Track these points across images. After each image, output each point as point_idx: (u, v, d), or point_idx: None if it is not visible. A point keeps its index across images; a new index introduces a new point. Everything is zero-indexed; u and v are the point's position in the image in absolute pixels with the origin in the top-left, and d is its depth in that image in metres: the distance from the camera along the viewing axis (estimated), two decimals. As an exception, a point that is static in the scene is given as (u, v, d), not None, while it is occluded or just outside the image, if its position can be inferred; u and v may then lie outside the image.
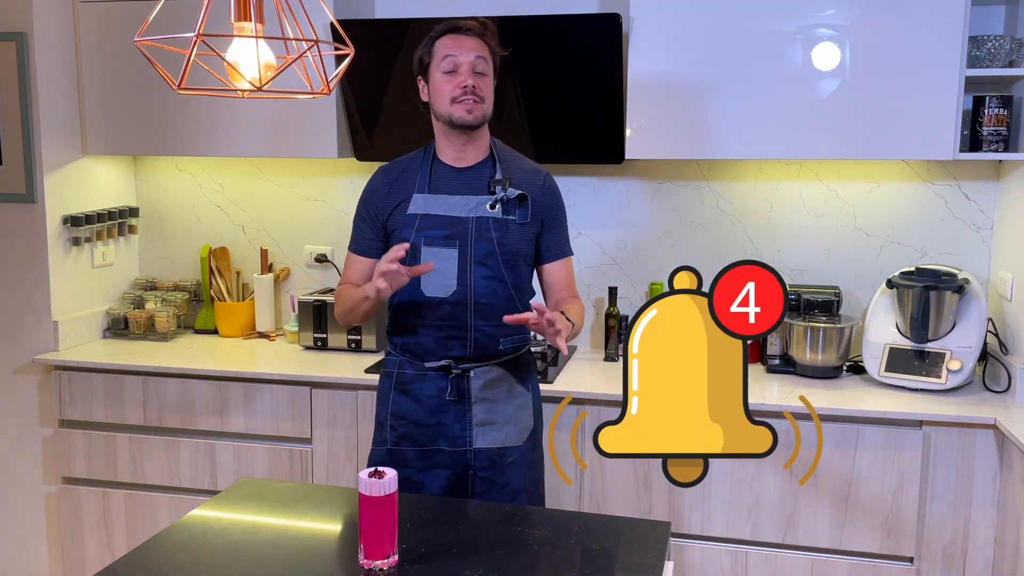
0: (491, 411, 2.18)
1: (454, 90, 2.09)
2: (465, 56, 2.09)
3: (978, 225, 2.96)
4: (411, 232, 2.14)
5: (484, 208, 2.13)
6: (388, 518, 1.57)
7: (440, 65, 2.11)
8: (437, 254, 2.12)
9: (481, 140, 2.19)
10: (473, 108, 2.09)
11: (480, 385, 2.17)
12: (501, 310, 2.11)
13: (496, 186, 2.14)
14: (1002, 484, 2.49)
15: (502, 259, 2.14)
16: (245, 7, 1.61)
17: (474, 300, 2.13)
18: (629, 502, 2.70)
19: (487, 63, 2.13)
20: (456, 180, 2.17)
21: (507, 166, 2.20)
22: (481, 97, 2.10)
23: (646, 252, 3.19)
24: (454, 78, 2.09)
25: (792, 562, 2.64)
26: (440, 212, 2.14)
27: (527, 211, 2.17)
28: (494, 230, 2.13)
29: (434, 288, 2.13)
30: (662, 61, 2.78)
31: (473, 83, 2.09)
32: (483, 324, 2.14)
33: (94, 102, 3.20)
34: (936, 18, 2.59)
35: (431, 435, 2.18)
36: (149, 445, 3.02)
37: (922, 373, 2.70)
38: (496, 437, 2.18)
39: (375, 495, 1.55)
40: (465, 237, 2.12)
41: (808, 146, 2.74)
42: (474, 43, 2.11)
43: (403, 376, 2.21)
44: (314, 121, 3.05)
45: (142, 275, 3.60)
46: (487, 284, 2.13)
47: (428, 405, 2.18)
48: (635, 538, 1.74)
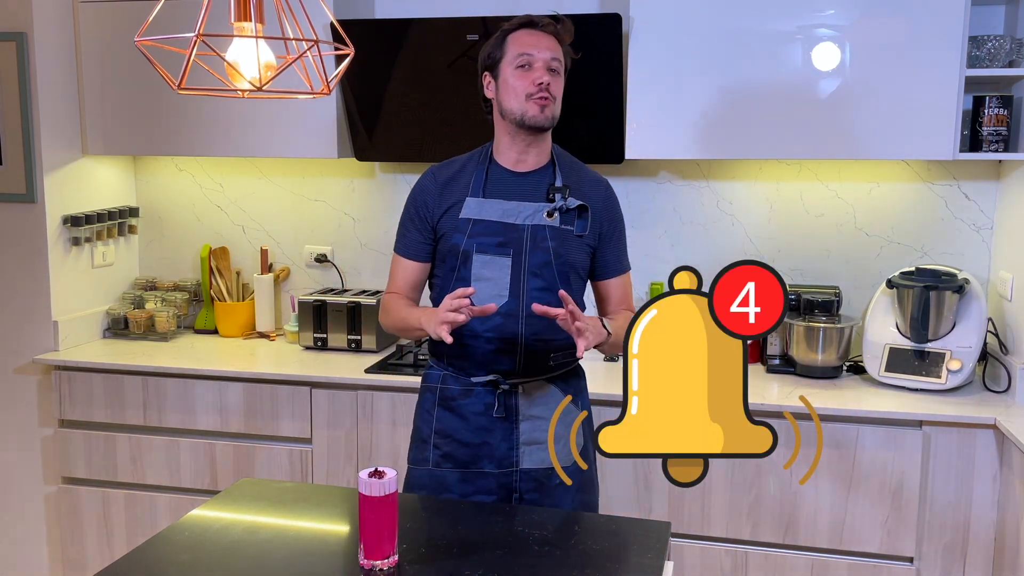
0: (540, 429, 2.07)
1: (529, 86, 1.98)
2: (541, 53, 1.99)
3: (978, 225, 2.96)
4: (462, 237, 2.03)
5: (541, 216, 2.03)
6: (388, 518, 1.57)
7: (514, 60, 2.00)
8: (489, 262, 2.02)
9: (544, 144, 2.09)
10: (547, 106, 2.00)
11: (529, 401, 2.06)
12: (553, 324, 1.97)
13: (555, 194, 2.04)
14: (1002, 484, 2.49)
15: (557, 271, 2.03)
16: (245, 7, 1.61)
17: (526, 313, 2.01)
18: (629, 502, 2.70)
19: (561, 62, 2.03)
20: (513, 185, 2.06)
21: (568, 173, 2.09)
22: (554, 96, 2.01)
23: (646, 252, 3.19)
24: (528, 74, 1.99)
25: (792, 562, 2.64)
26: (494, 218, 2.03)
27: (586, 223, 2.06)
28: (551, 239, 2.03)
29: (484, 298, 2.00)
30: (662, 61, 2.78)
31: (549, 79, 1.99)
32: (534, 339, 2.03)
33: (94, 102, 3.20)
34: (936, 18, 2.59)
35: (475, 455, 2.07)
36: (149, 445, 3.02)
37: (922, 373, 2.70)
38: (544, 457, 2.06)
39: (375, 495, 1.55)
40: (520, 245, 2.02)
41: (808, 146, 2.74)
42: (550, 41, 2.02)
43: (447, 391, 2.10)
44: (314, 121, 3.05)
45: (142, 275, 3.60)
46: (541, 296, 2.02)
47: (474, 423, 2.07)
48: (635, 538, 1.74)
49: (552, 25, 2.03)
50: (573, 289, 2.07)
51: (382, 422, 2.84)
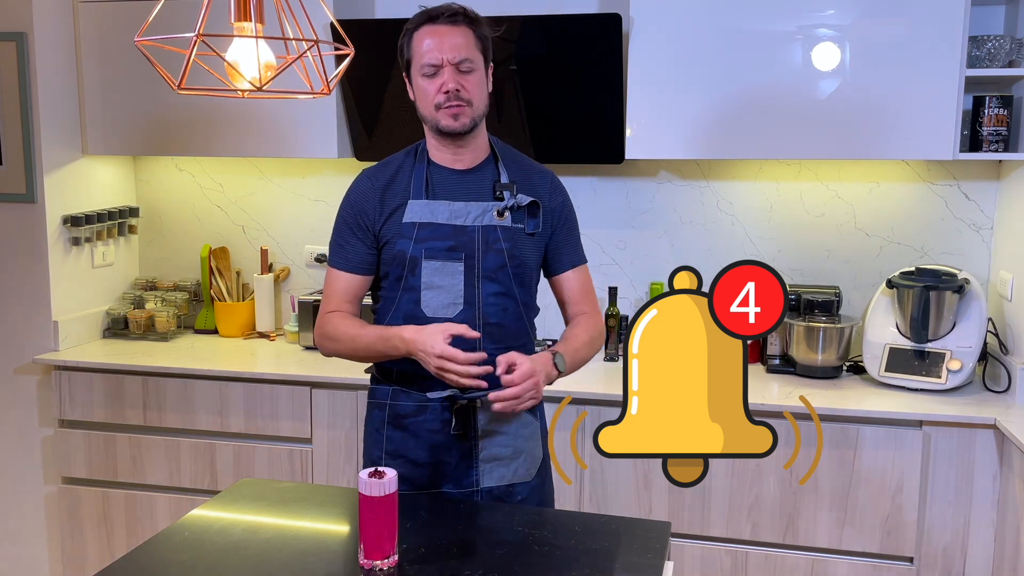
0: (499, 444, 1.95)
1: (436, 95, 1.84)
2: (447, 53, 1.82)
3: (978, 225, 2.96)
4: (408, 243, 1.89)
5: (491, 216, 1.90)
6: (388, 518, 1.57)
7: (420, 67, 1.85)
8: (440, 268, 1.88)
9: (477, 141, 1.94)
10: (460, 113, 1.84)
11: (488, 417, 1.93)
12: (511, 330, 1.93)
13: (504, 191, 1.91)
14: (1002, 484, 2.49)
15: (513, 272, 1.92)
16: (245, 7, 1.61)
17: (483, 321, 1.90)
18: (629, 502, 2.70)
19: (474, 58, 1.85)
20: (457, 184, 1.93)
21: (511, 167, 1.97)
22: (468, 100, 1.84)
23: (646, 252, 3.19)
24: (435, 80, 1.84)
25: (792, 562, 2.64)
26: (442, 220, 1.89)
27: (538, 220, 1.95)
28: (503, 240, 1.91)
29: (437, 307, 1.89)
30: (662, 61, 2.78)
31: (456, 85, 1.83)
32: (493, 347, 1.89)
33: (94, 102, 3.20)
34: (936, 18, 2.59)
35: (432, 476, 1.96)
36: (149, 445, 3.02)
37: (922, 373, 2.70)
38: (504, 474, 1.96)
39: (375, 495, 1.55)
40: (471, 249, 1.89)
41: (808, 146, 2.74)
42: (457, 36, 1.83)
43: (398, 408, 1.96)
44: (314, 121, 3.05)
45: (142, 275, 3.60)
46: (497, 301, 1.91)
47: (428, 442, 1.94)
48: (635, 538, 1.74)
49: (457, 12, 1.85)
50: (529, 290, 1.98)
51: (382, 422, 2.84)
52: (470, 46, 1.85)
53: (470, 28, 1.85)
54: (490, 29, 1.91)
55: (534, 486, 2.01)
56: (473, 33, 1.86)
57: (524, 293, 1.96)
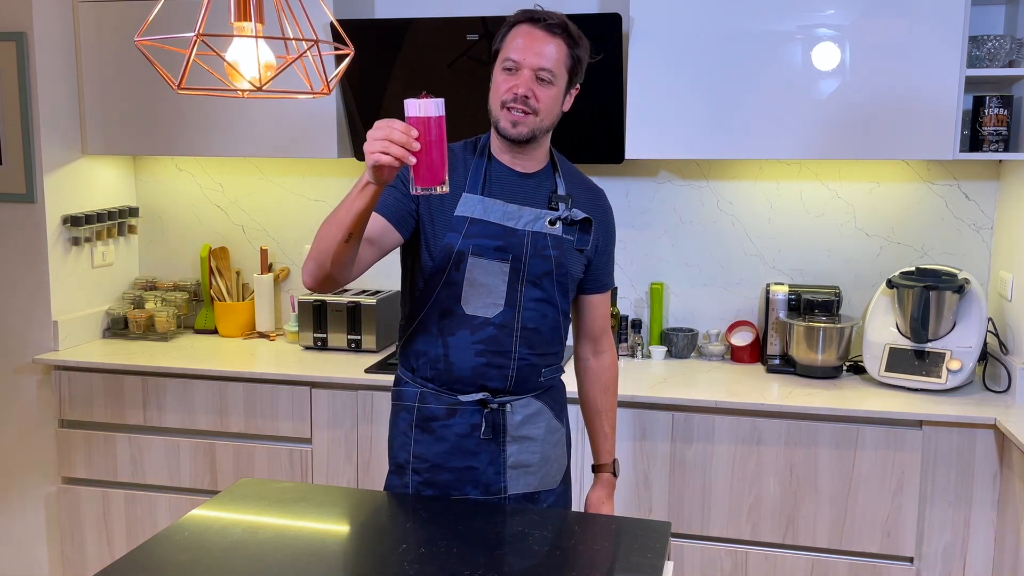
0: (528, 451, 1.93)
1: (506, 93, 1.79)
2: (531, 57, 1.77)
3: (978, 225, 2.96)
4: (457, 237, 1.84)
5: (543, 224, 1.87)
6: (439, 141, 1.52)
7: (503, 60, 1.80)
8: (486, 267, 1.84)
9: (538, 151, 1.90)
10: (520, 121, 1.80)
11: (518, 421, 1.91)
12: (547, 337, 1.90)
13: (559, 203, 1.89)
14: (1002, 484, 2.49)
15: (557, 280, 1.89)
16: (245, 7, 1.61)
17: (521, 324, 1.87)
18: (629, 502, 2.70)
19: (557, 72, 1.79)
20: (516, 186, 1.89)
21: (568, 180, 1.94)
22: (535, 110, 1.79)
23: (646, 252, 3.19)
24: (511, 79, 1.79)
25: (792, 562, 2.64)
26: (494, 220, 1.85)
27: (589, 237, 1.93)
28: (552, 248, 1.88)
29: (477, 305, 1.85)
30: (662, 61, 2.78)
31: (527, 92, 1.77)
32: (528, 352, 1.88)
33: (94, 102, 3.20)
34: (936, 18, 2.59)
35: (458, 481, 1.92)
36: (149, 445, 3.02)
37: (922, 373, 2.70)
38: (531, 481, 1.94)
39: (429, 115, 1.49)
40: (520, 251, 1.85)
41: (808, 146, 2.74)
42: (550, 44, 1.78)
43: (427, 411, 1.91)
44: (314, 121, 3.05)
45: (142, 275, 3.60)
46: (538, 307, 1.88)
47: (457, 446, 1.90)
48: (635, 538, 1.74)
49: (559, 27, 1.80)
50: (569, 301, 1.97)
51: (382, 422, 2.83)
52: (559, 60, 1.80)
53: (565, 43, 1.81)
54: (588, 54, 1.86)
55: (559, 493, 2.00)
56: (567, 49, 1.81)
57: (564, 303, 1.94)
